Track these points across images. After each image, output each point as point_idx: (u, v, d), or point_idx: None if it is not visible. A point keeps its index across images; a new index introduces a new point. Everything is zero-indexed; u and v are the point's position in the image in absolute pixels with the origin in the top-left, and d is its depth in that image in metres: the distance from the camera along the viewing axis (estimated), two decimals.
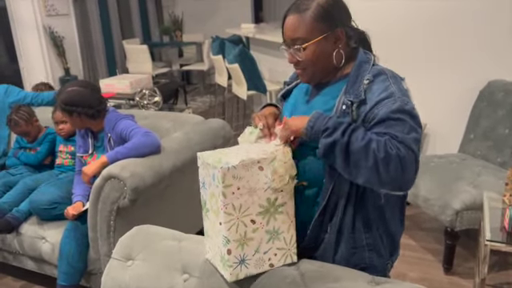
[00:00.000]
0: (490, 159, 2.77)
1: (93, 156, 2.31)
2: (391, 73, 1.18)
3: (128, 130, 2.16)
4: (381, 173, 1.03)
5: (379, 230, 1.25)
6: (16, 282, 2.60)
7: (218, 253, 1.19)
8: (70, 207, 2.23)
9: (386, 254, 1.29)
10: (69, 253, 2.13)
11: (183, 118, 2.79)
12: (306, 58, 1.19)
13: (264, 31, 4.97)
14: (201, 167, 1.19)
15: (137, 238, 1.45)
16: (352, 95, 1.15)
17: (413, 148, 1.06)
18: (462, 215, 2.36)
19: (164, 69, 6.78)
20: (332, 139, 1.07)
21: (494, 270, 2.50)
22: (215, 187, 1.12)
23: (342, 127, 1.08)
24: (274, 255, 1.21)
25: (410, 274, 2.50)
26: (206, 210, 1.21)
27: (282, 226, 1.20)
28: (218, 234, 1.17)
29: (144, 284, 1.32)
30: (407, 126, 1.08)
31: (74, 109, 2.19)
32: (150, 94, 3.71)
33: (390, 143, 1.04)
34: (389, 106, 1.09)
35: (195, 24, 7.70)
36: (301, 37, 1.17)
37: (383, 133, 1.07)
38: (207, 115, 3.08)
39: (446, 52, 3.11)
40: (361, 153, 1.05)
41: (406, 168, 1.04)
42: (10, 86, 3.10)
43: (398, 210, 1.29)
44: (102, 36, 6.45)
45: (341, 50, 1.20)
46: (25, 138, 2.78)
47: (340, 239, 1.24)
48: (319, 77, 1.24)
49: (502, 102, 2.81)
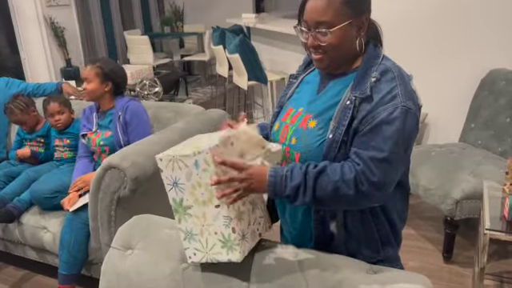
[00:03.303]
0: (490, 148, 2.77)
1: (97, 134, 2.35)
2: (399, 71, 1.15)
3: (134, 131, 2.29)
4: (357, 205, 1.14)
5: (388, 221, 1.24)
6: (18, 271, 2.63)
7: (216, 242, 1.18)
8: (66, 200, 2.24)
9: (397, 242, 1.30)
10: (69, 242, 2.14)
11: (184, 108, 2.79)
12: (329, 43, 1.14)
13: (265, 21, 4.95)
14: (167, 168, 1.16)
15: (136, 228, 1.45)
16: (358, 91, 1.13)
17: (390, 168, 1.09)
18: (462, 204, 2.36)
19: (165, 59, 6.76)
20: (299, 203, 1.12)
21: (494, 259, 2.51)
22: (202, 173, 1.12)
23: (300, 190, 1.10)
24: (258, 224, 1.26)
25: (409, 262, 2.51)
26: (185, 208, 1.18)
27: (256, 195, 1.27)
28: (214, 222, 1.16)
29: (143, 273, 1.33)
30: (395, 134, 1.08)
31: (113, 76, 2.32)
32: (150, 85, 3.71)
33: (360, 177, 1.08)
34: (390, 111, 1.08)
35: (196, 14, 7.67)
36: (327, 20, 1.12)
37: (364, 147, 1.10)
38: (208, 106, 3.07)
39: (447, 41, 3.09)
40: (332, 199, 1.11)
41: (384, 186, 1.10)
42: (10, 79, 3.10)
43: (402, 198, 1.29)
44: (103, 27, 6.44)
45: (362, 39, 1.17)
46: (22, 128, 2.79)
47: (350, 234, 1.23)
48: (337, 64, 1.20)
49: (503, 91, 2.80)
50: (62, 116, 2.60)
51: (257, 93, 5.25)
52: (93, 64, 2.31)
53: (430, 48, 3.16)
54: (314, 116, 1.21)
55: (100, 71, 2.29)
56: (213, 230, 1.17)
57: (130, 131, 2.30)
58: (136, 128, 2.31)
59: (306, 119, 1.22)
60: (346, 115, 1.13)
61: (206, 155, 1.10)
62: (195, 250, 1.22)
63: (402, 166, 1.15)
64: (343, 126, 1.13)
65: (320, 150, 1.16)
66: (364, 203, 1.14)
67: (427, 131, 3.35)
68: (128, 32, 6.66)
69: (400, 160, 1.11)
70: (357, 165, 1.09)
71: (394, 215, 1.25)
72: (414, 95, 1.14)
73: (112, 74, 2.32)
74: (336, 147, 1.13)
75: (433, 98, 3.21)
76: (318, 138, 1.18)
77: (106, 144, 2.32)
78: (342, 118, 1.14)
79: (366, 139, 1.10)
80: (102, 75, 2.30)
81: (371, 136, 1.09)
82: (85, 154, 2.46)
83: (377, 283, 1.13)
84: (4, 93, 2.96)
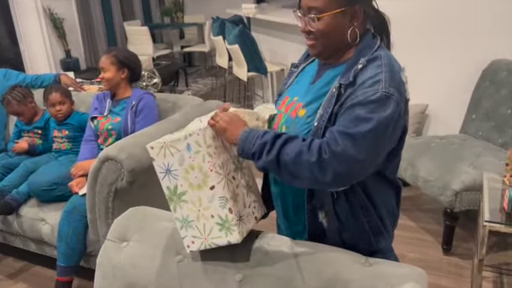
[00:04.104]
0: (491, 140, 2.75)
1: (107, 118, 2.40)
2: (388, 60, 1.12)
3: (141, 121, 2.34)
4: (318, 177, 1.06)
5: (378, 212, 1.22)
6: (17, 262, 2.63)
7: (214, 225, 1.18)
8: (74, 183, 2.26)
9: (389, 234, 1.28)
10: (67, 234, 2.14)
11: (182, 99, 2.77)
12: (318, 29, 1.13)
13: (265, 11, 4.91)
14: (159, 155, 1.15)
15: (132, 220, 1.45)
16: (344, 78, 1.12)
17: (354, 145, 1.03)
18: (462, 196, 2.35)
19: (165, 50, 6.73)
20: (262, 162, 1.11)
21: (493, 250, 2.50)
22: (195, 155, 1.12)
23: (266, 148, 1.09)
24: (254, 208, 1.26)
25: (408, 254, 2.51)
26: (180, 195, 1.18)
27: (250, 179, 1.28)
28: (210, 204, 1.16)
29: (138, 265, 1.33)
30: (368, 117, 1.03)
31: (129, 63, 2.40)
32: (149, 76, 3.69)
33: (325, 146, 1.05)
34: (367, 95, 1.05)
35: (196, 5, 7.62)
36: (318, 6, 1.11)
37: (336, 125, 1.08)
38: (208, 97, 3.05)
39: (448, 31, 3.06)
40: (294, 165, 1.07)
41: (347, 162, 1.03)
42: (8, 70, 3.09)
43: (393, 195, 1.27)
44: (103, 17, 6.40)
45: (356, 29, 1.15)
46: (19, 119, 2.78)
47: (341, 226, 1.22)
48: (329, 52, 1.19)
49: (504, 82, 2.78)
50: (64, 106, 2.60)
51: (257, 84, 5.23)
52: (108, 54, 2.40)
53: (431, 38, 3.12)
54: (304, 105, 1.20)
55: (115, 59, 2.37)
56: (209, 214, 1.17)
57: (138, 121, 2.35)
58: (144, 118, 2.35)
59: (297, 108, 1.22)
60: (331, 103, 1.12)
61: (198, 136, 1.11)
62: (193, 237, 1.21)
63: (375, 153, 1.07)
64: (327, 114, 1.12)
65: None
66: (325, 179, 1.05)
67: (428, 122, 3.32)
68: (128, 23, 6.62)
69: (372, 144, 1.04)
70: (325, 137, 1.08)
71: (383, 211, 1.23)
72: (402, 86, 1.10)
73: (127, 61, 2.40)
74: (320, 134, 1.12)
75: (434, 89, 3.19)
76: (305, 126, 1.17)
77: (114, 129, 2.36)
78: (327, 106, 1.13)
79: (341, 119, 1.08)
80: (117, 63, 2.37)
81: (345, 116, 1.07)
82: (90, 138, 2.47)
83: (372, 275, 1.12)
84: (2, 84, 2.94)
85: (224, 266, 1.24)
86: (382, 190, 1.22)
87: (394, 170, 1.23)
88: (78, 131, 2.62)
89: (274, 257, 1.22)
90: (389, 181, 1.23)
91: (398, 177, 1.29)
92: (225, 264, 1.24)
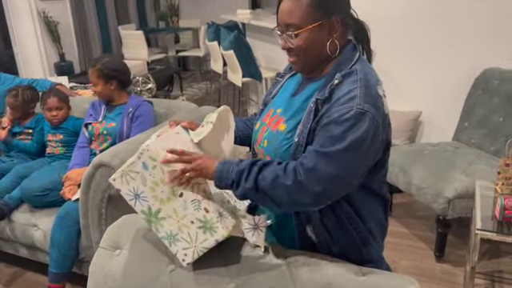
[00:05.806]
0: (483, 147, 2.77)
1: (102, 123, 2.40)
2: (364, 75, 1.10)
3: (137, 128, 2.33)
4: (297, 199, 1.06)
5: (366, 224, 1.22)
6: (9, 268, 2.61)
7: (197, 230, 1.18)
8: (66, 190, 2.24)
9: (379, 244, 1.28)
10: (59, 240, 2.13)
11: (176, 105, 2.77)
12: (297, 45, 1.14)
13: (260, 17, 4.92)
14: (123, 184, 1.17)
15: (125, 227, 1.44)
16: (320, 94, 1.12)
17: (329, 163, 1.03)
18: (454, 203, 2.36)
19: (160, 55, 6.73)
20: (241, 189, 1.11)
21: (485, 258, 2.52)
22: (153, 171, 1.14)
23: (244, 175, 1.10)
24: (235, 202, 1.25)
25: (401, 261, 2.51)
26: (156, 214, 1.18)
27: None
28: (186, 211, 1.17)
29: (131, 273, 1.32)
30: (343, 135, 1.03)
31: (115, 74, 2.35)
32: (143, 81, 3.68)
33: (299, 168, 1.05)
34: (342, 112, 1.05)
35: (192, 9, 7.62)
36: (294, 22, 1.11)
37: (312, 144, 1.08)
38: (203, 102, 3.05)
39: (441, 39, 3.08)
40: (272, 189, 1.08)
41: (322, 180, 1.04)
42: (2, 74, 3.08)
43: (380, 207, 1.27)
44: (98, 21, 6.39)
45: (335, 41, 1.14)
46: (10, 112, 2.74)
47: (330, 239, 1.22)
48: (310, 66, 1.19)
49: (497, 90, 2.80)
50: (60, 112, 2.60)
51: (251, 89, 5.24)
52: (93, 67, 2.38)
53: (423, 47, 3.14)
54: (285, 119, 1.20)
55: (101, 73, 2.35)
56: (188, 221, 1.17)
57: (134, 126, 2.35)
58: (140, 124, 2.36)
59: (278, 122, 1.22)
60: (310, 118, 1.12)
61: (149, 152, 1.12)
62: (184, 249, 1.21)
63: (353, 169, 1.07)
64: (306, 129, 1.12)
65: (288, 153, 1.15)
66: (305, 200, 1.06)
67: (421, 130, 3.34)
68: (123, 27, 6.62)
69: (347, 162, 1.04)
70: (300, 158, 1.09)
71: (371, 223, 1.23)
72: (379, 100, 1.09)
73: (114, 73, 2.37)
74: (301, 151, 1.12)
75: (427, 97, 3.21)
76: (285, 141, 1.17)
77: (109, 133, 2.36)
78: (306, 122, 1.13)
79: (317, 137, 1.09)
80: (103, 76, 2.36)
81: (321, 134, 1.08)
82: (83, 144, 2.47)
83: (366, 286, 1.13)
84: None
85: (217, 274, 1.23)
86: (368, 202, 1.22)
87: (379, 182, 1.23)
88: (73, 136, 2.62)
89: (268, 266, 1.22)
90: (375, 193, 1.22)
91: (386, 188, 1.29)
92: (218, 273, 1.24)
